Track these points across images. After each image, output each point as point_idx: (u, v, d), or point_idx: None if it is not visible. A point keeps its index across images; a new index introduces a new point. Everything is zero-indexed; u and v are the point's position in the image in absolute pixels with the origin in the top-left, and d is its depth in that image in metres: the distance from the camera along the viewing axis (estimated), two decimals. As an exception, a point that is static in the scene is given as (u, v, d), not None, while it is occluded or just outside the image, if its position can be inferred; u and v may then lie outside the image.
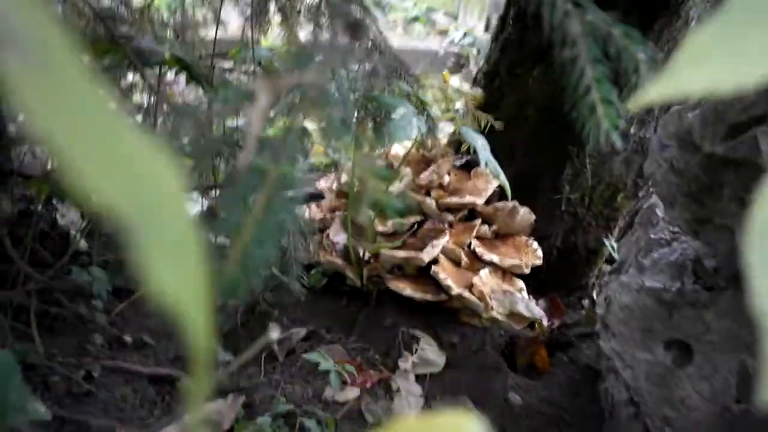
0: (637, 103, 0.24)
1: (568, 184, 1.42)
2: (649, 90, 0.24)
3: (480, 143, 1.12)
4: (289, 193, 0.37)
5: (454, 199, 1.32)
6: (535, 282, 1.36)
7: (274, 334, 0.68)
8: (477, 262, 1.29)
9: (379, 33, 1.02)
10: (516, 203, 1.32)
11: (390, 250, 1.23)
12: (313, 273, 1.36)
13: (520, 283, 1.30)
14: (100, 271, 1.15)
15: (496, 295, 1.21)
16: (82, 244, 1.27)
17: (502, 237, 1.37)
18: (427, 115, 1.12)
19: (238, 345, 1.20)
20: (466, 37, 3.70)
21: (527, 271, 1.29)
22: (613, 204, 1.46)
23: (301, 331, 1.22)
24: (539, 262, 1.31)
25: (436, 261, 1.24)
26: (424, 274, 1.26)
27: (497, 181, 1.27)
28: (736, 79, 0.22)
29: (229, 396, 1.04)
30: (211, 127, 1.32)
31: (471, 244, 1.30)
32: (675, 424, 0.84)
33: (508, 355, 1.26)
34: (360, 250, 1.27)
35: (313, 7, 1.08)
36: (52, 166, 1.17)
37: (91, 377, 1.10)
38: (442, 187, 1.37)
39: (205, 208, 1.50)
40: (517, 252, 1.32)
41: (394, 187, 1.33)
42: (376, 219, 1.28)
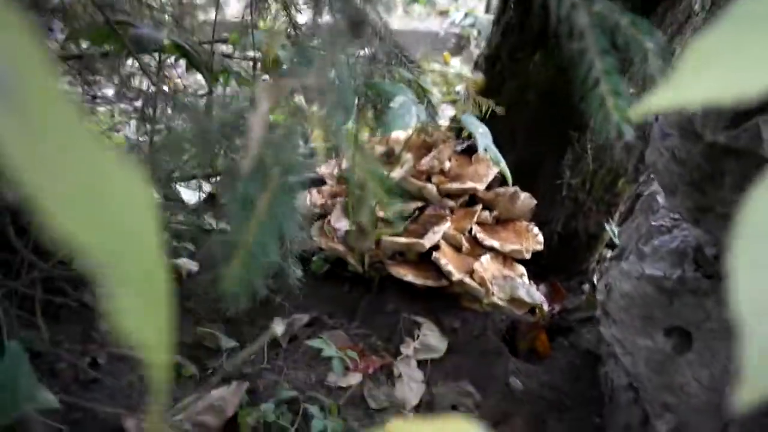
0: (640, 111, 0.24)
1: (569, 170, 1.42)
2: (652, 99, 0.24)
3: (480, 130, 1.11)
4: (291, 182, 0.37)
5: (455, 185, 1.32)
6: (536, 267, 1.36)
7: (279, 328, 0.69)
8: (478, 247, 1.30)
9: (380, 18, 1.01)
10: (517, 188, 1.32)
11: (391, 236, 1.23)
12: (315, 259, 1.37)
13: (521, 269, 1.31)
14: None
15: (497, 280, 1.22)
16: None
17: (502, 222, 1.37)
18: (428, 101, 1.11)
19: (241, 331, 1.21)
20: (467, 17, 3.67)
21: (528, 256, 1.29)
22: (614, 189, 1.46)
23: (304, 318, 1.23)
24: (540, 247, 1.31)
25: (437, 247, 1.25)
26: (425, 259, 1.26)
27: (498, 168, 1.27)
28: (738, 88, 0.22)
29: (233, 383, 1.05)
30: (210, 115, 1.31)
31: (472, 229, 1.30)
32: (674, 411, 0.85)
33: (509, 340, 1.28)
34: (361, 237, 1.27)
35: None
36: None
37: (96, 364, 1.11)
38: (443, 172, 1.37)
39: (206, 194, 1.50)
40: (517, 237, 1.33)
41: (395, 173, 1.33)
42: (376, 205, 1.28)
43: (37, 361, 1.08)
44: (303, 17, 1.15)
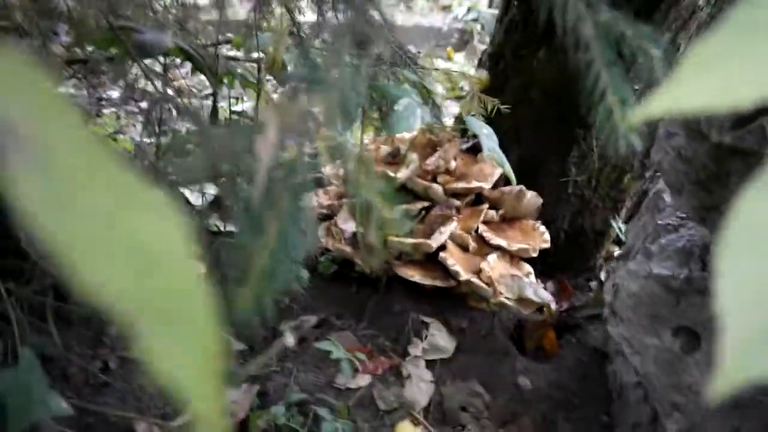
0: (639, 116, 0.24)
1: (575, 167, 1.42)
2: (650, 105, 0.24)
3: (485, 131, 1.11)
4: (301, 205, 0.37)
5: (461, 184, 1.32)
6: (543, 265, 1.36)
7: (290, 339, 0.69)
8: (485, 246, 1.30)
9: (384, 21, 1.01)
10: (522, 187, 1.32)
11: (398, 237, 1.23)
12: (322, 260, 1.37)
13: (528, 267, 1.31)
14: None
15: (504, 280, 1.22)
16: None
17: (509, 221, 1.38)
18: (433, 102, 1.11)
19: (249, 334, 1.21)
20: (470, 12, 3.66)
21: (535, 254, 1.29)
22: (620, 185, 1.46)
23: (312, 319, 1.24)
24: (547, 245, 1.31)
25: (444, 247, 1.25)
26: (432, 259, 1.26)
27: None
28: (736, 95, 0.22)
29: (243, 386, 1.06)
30: (215, 117, 1.31)
31: (478, 228, 1.31)
32: (683, 411, 0.85)
33: (516, 338, 1.28)
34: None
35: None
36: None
37: (107, 368, 1.12)
38: (448, 172, 1.37)
39: (212, 197, 1.51)
40: (524, 236, 1.33)
41: (401, 173, 1.33)
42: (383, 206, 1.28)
43: (49, 365, 1.09)
44: (308, 16, 1.15)
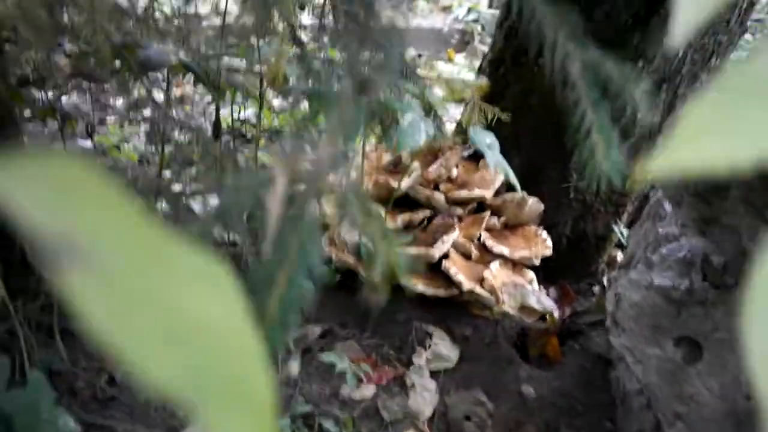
0: (639, 178, 0.25)
1: (576, 172, 1.43)
2: (648, 166, 0.25)
3: (488, 141, 1.12)
4: (311, 251, 0.38)
5: (463, 192, 1.33)
6: (545, 270, 1.37)
7: (294, 367, 0.71)
8: (487, 254, 1.31)
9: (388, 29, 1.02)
10: (524, 194, 1.33)
11: (401, 246, 1.24)
12: (326, 270, 1.38)
13: (531, 274, 1.31)
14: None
15: (507, 288, 1.23)
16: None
17: (511, 228, 1.38)
18: (435, 114, 1.12)
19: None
20: (470, 13, 3.66)
21: (537, 262, 1.30)
22: (621, 189, 1.46)
23: (317, 330, 1.25)
24: (549, 252, 1.32)
25: (446, 255, 1.26)
26: (434, 268, 1.27)
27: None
28: (733, 158, 0.23)
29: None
30: (218, 130, 1.32)
31: (481, 236, 1.31)
32: (686, 420, 0.86)
33: (519, 346, 1.29)
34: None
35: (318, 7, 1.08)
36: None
37: (114, 382, 1.13)
38: (450, 180, 1.38)
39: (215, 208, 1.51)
40: (526, 242, 1.34)
41: (404, 183, 1.34)
42: (386, 216, 1.29)
43: (57, 380, 1.10)
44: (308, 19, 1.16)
